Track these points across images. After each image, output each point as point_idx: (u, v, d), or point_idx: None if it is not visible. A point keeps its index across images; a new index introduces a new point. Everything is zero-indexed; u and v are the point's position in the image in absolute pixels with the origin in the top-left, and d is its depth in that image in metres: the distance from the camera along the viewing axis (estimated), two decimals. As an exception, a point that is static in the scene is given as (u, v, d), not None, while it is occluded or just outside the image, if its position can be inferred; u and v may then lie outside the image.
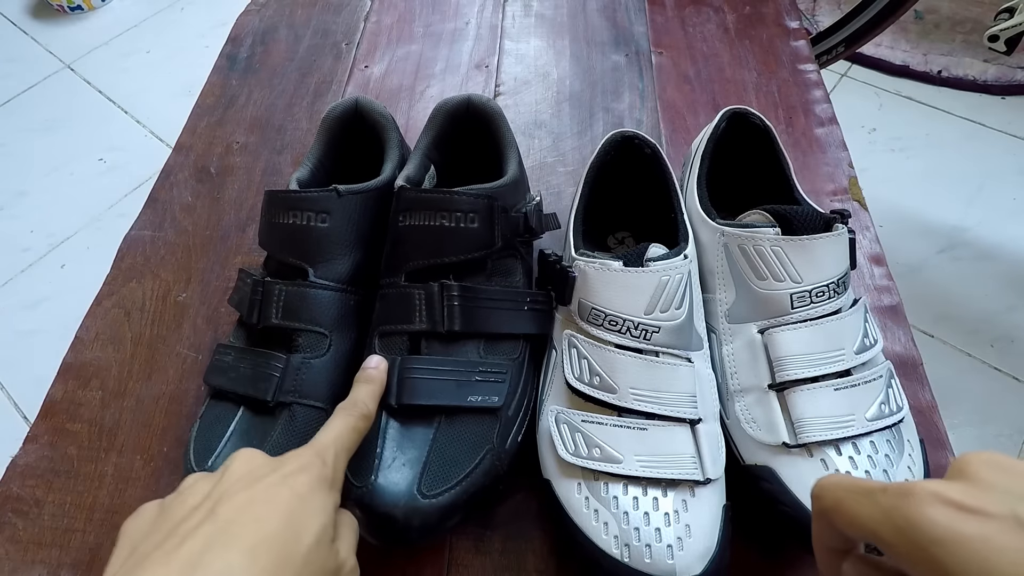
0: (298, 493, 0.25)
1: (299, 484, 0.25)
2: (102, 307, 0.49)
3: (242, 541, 0.22)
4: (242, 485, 0.25)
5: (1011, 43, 0.94)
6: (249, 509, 0.24)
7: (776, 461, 0.34)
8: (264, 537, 0.23)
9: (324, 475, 0.27)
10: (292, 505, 0.25)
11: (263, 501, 0.24)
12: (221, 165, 0.58)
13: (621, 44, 0.66)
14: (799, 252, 0.35)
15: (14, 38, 1.66)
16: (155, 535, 0.24)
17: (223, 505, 0.24)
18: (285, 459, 0.27)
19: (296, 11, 0.72)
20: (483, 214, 0.37)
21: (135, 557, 0.23)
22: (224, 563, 0.22)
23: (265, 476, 0.25)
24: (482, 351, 0.37)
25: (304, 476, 0.26)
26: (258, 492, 0.25)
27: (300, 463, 0.26)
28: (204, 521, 0.23)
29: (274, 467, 0.26)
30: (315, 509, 0.25)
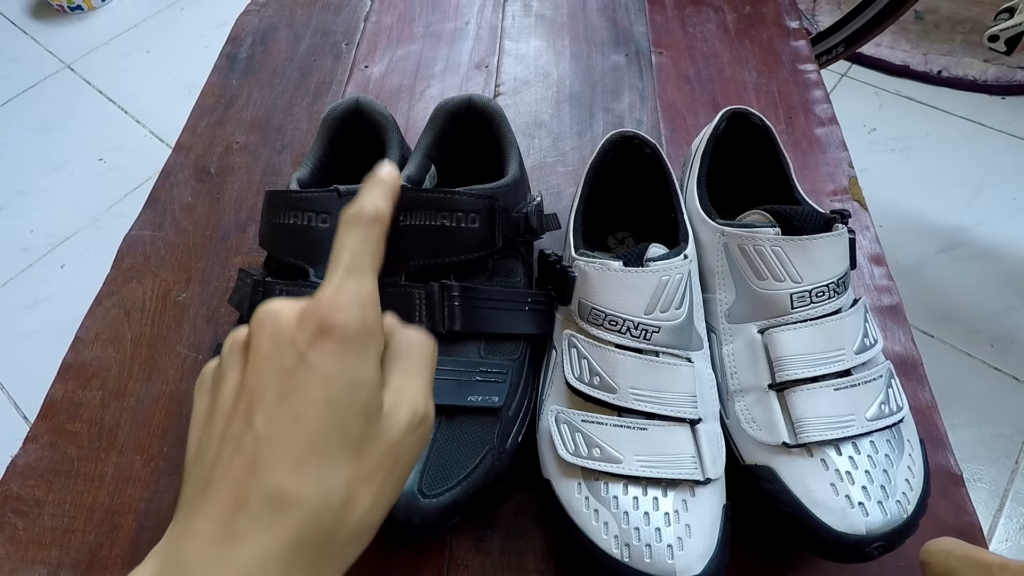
0: (327, 374, 0.21)
1: (325, 360, 0.21)
2: (102, 307, 0.49)
3: (287, 452, 0.21)
4: (269, 374, 0.22)
5: (1011, 43, 0.94)
6: (283, 410, 0.21)
7: (776, 461, 0.34)
8: (307, 442, 0.21)
9: (349, 328, 0.22)
10: (325, 392, 0.21)
11: (295, 395, 0.21)
12: (221, 165, 0.58)
13: (621, 44, 0.66)
14: (799, 252, 0.35)
15: (14, 38, 1.66)
16: (212, 429, 0.22)
17: (257, 409, 0.21)
18: (304, 317, 0.22)
19: (296, 11, 0.72)
20: (484, 214, 0.37)
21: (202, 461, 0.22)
22: (273, 482, 0.20)
23: (287, 357, 0.22)
24: (482, 351, 0.37)
25: (328, 344, 0.22)
26: (287, 382, 0.22)
27: (317, 322, 0.22)
28: (245, 430, 0.21)
29: (293, 338, 0.22)
30: (351, 383, 0.22)
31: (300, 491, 0.20)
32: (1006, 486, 0.92)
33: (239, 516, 0.20)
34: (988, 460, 0.94)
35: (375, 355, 0.23)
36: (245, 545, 0.20)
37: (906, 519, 0.31)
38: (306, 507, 0.20)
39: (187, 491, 0.22)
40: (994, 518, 0.90)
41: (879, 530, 0.30)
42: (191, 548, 0.20)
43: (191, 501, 0.21)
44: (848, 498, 0.31)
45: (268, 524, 0.20)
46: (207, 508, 0.20)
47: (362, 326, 0.22)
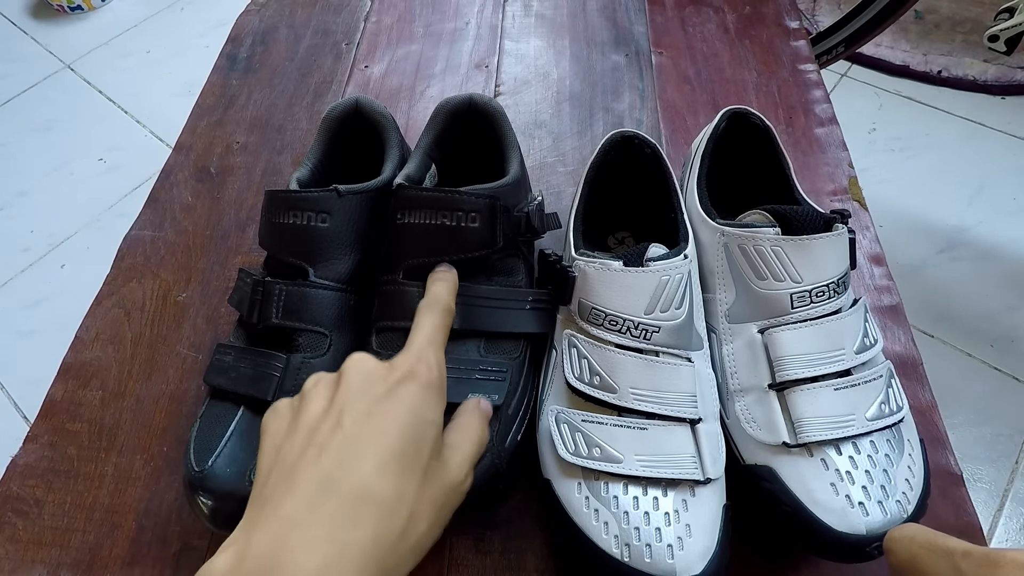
0: (409, 405, 0.25)
1: (409, 395, 0.26)
2: (102, 307, 0.49)
3: (372, 454, 0.23)
4: (359, 396, 0.25)
5: (1011, 43, 0.94)
6: (371, 422, 0.24)
7: (776, 461, 0.34)
8: (390, 451, 0.24)
9: (430, 380, 0.27)
10: (407, 417, 0.25)
11: (381, 414, 0.25)
12: (221, 165, 0.58)
13: (621, 44, 0.66)
14: (799, 252, 0.35)
15: (14, 38, 1.66)
16: (294, 438, 0.25)
17: (347, 416, 0.24)
18: (393, 366, 0.27)
19: (296, 11, 0.72)
20: (485, 214, 0.37)
21: (283, 463, 0.24)
22: (360, 476, 0.23)
23: (377, 387, 0.26)
24: (482, 350, 0.37)
25: (412, 385, 0.26)
26: (375, 405, 0.25)
27: (405, 370, 0.27)
28: (334, 431, 0.24)
29: (383, 376, 0.26)
30: (426, 420, 0.26)
31: (383, 490, 0.23)
32: (1006, 486, 0.92)
33: (328, 502, 0.22)
34: (988, 460, 0.94)
35: (442, 408, 0.27)
36: (332, 534, 0.21)
37: (906, 519, 0.31)
38: (385, 507, 0.23)
39: (263, 492, 0.24)
40: (994, 518, 0.90)
41: (879, 530, 0.30)
42: (278, 529, 0.21)
43: (272, 496, 0.23)
44: (848, 498, 0.31)
45: (353, 517, 0.22)
46: (295, 496, 0.22)
47: (439, 380, 0.28)
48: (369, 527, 0.22)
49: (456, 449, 0.28)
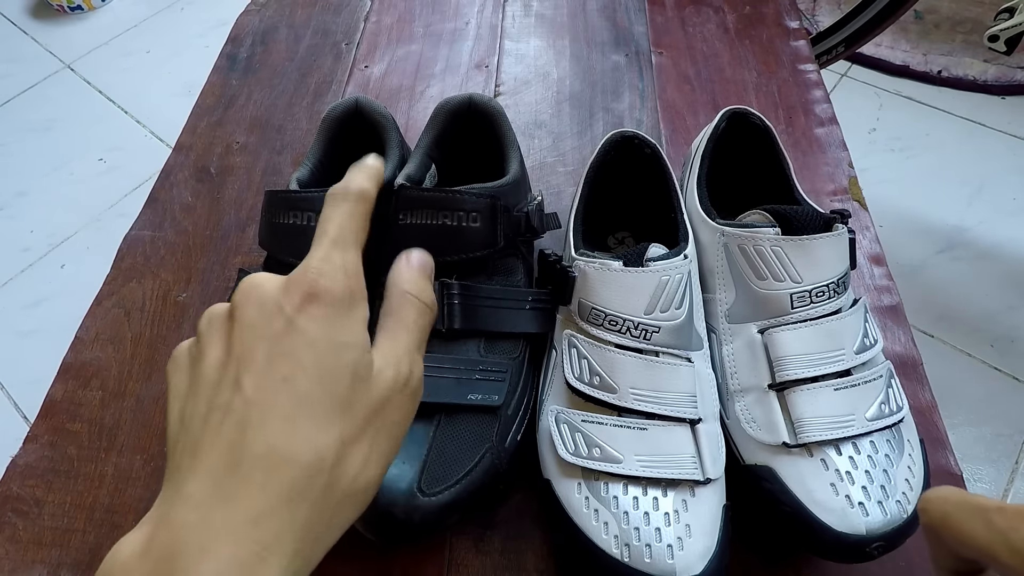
0: (315, 335, 0.22)
1: (313, 322, 0.22)
2: (102, 307, 0.49)
3: (278, 413, 0.21)
4: (257, 339, 0.22)
5: (1011, 43, 0.94)
6: (271, 370, 0.21)
7: (776, 461, 0.34)
8: (298, 401, 0.21)
9: (336, 293, 0.23)
10: (314, 353, 0.22)
11: (282, 356, 0.22)
12: (221, 165, 0.58)
13: (621, 44, 0.66)
14: (799, 252, 0.35)
15: (14, 38, 1.66)
16: (196, 399, 0.22)
17: (245, 373, 0.22)
18: (290, 286, 0.23)
19: (296, 11, 0.72)
20: (486, 213, 0.37)
21: (187, 430, 0.22)
22: (265, 444, 0.20)
23: (276, 322, 0.22)
24: (482, 349, 0.37)
25: (316, 308, 0.22)
26: (275, 346, 0.22)
27: (304, 290, 0.22)
28: (233, 395, 0.21)
29: (280, 305, 0.22)
30: (337, 345, 0.22)
31: (291, 450, 0.20)
32: (1006, 486, 0.92)
33: (232, 477, 0.20)
34: (988, 460, 0.94)
35: (361, 319, 0.23)
36: (238, 505, 0.19)
37: (906, 519, 0.31)
38: (297, 466, 0.20)
39: (173, 463, 0.22)
40: (994, 518, 0.89)
41: (879, 530, 0.30)
42: (182, 512, 0.20)
43: (179, 469, 0.21)
44: (848, 498, 0.31)
45: (261, 484, 0.20)
46: (198, 472, 0.20)
47: (347, 292, 0.23)
48: (282, 490, 0.20)
49: (388, 346, 0.24)
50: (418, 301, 0.26)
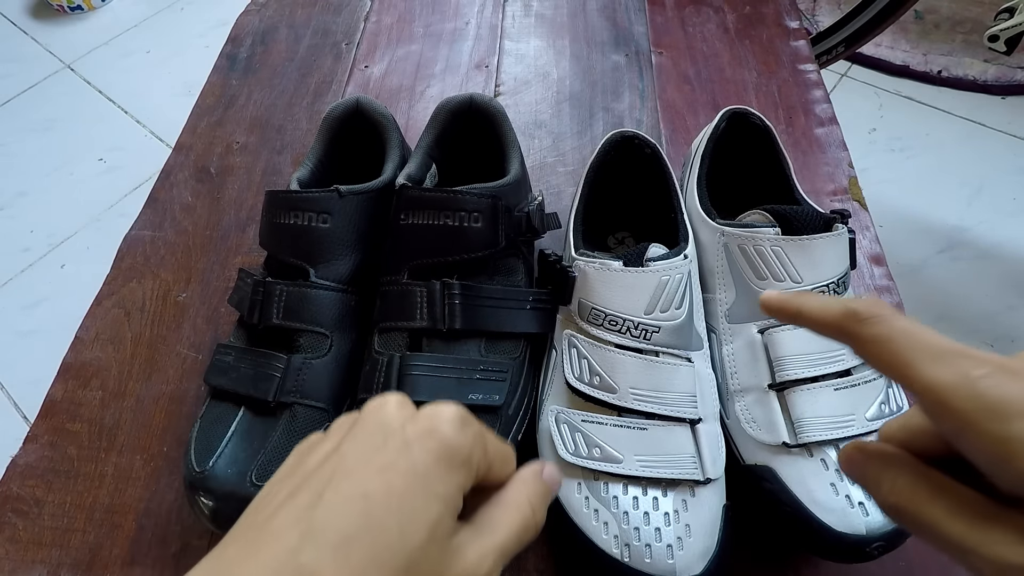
0: (414, 466, 0.20)
1: (420, 454, 0.20)
2: (102, 307, 0.49)
3: (334, 533, 0.19)
4: (363, 447, 0.21)
5: (1011, 43, 0.94)
6: (355, 484, 0.20)
7: (776, 461, 0.34)
8: (362, 527, 0.19)
9: (452, 441, 0.21)
10: (407, 481, 0.20)
11: (376, 470, 0.20)
12: (221, 165, 0.58)
13: (621, 44, 0.66)
14: (799, 252, 0.35)
15: (14, 38, 1.66)
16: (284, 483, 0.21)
17: (338, 473, 0.20)
18: (416, 417, 0.22)
19: (296, 11, 0.72)
20: (487, 214, 0.37)
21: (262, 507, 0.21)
22: (306, 561, 0.18)
23: (390, 438, 0.21)
24: (483, 350, 0.37)
25: (430, 442, 0.21)
26: (375, 459, 0.20)
27: (426, 424, 0.21)
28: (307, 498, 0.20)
29: (402, 425, 0.21)
30: (431, 491, 0.20)
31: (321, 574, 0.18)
32: (1006, 486, 0.92)
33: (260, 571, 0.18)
34: (988, 460, 0.94)
35: (460, 486, 0.21)
36: None
37: (906, 519, 0.31)
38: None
39: (237, 530, 0.21)
40: (994, 518, 0.89)
41: (879, 530, 0.30)
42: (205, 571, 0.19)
43: (234, 540, 0.20)
44: (848, 498, 0.31)
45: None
46: (241, 556, 0.19)
47: (466, 450, 0.21)
48: None
49: (485, 533, 0.22)
50: (532, 515, 0.23)
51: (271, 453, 0.34)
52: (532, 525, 0.23)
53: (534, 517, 0.23)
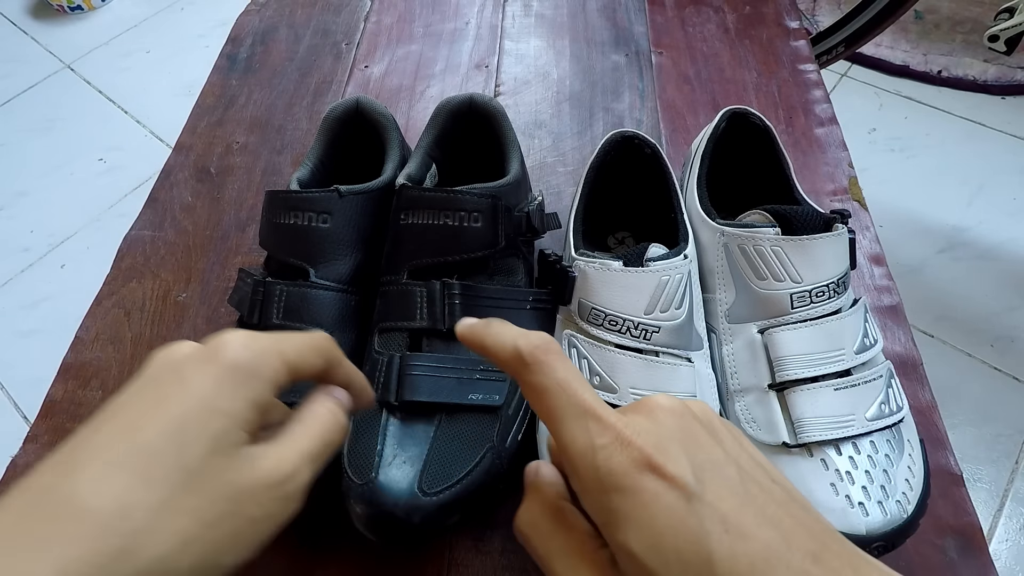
0: (190, 390, 0.21)
1: (195, 377, 0.21)
2: (102, 307, 0.49)
3: (101, 457, 0.19)
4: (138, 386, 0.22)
5: (1011, 43, 0.94)
6: (127, 411, 0.21)
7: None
8: (135, 447, 0.19)
9: (237, 361, 0.22)
10: (180, 405, 0.20)
11: (145, 403, 0.21)
12: (221, 165, 0.58)
13: (621, 44, 0.66)
14: (799, 252, 0.35)
15: (14, 38, 1.66)
16: None
17: (111, 402, 0.21)
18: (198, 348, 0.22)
19: (296, 11, 0.72)
20: (487, 214, 0.37)
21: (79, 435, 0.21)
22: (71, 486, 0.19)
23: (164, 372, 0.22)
24: (482, 351, 0.37)
25: (209, 367, 0.21)
26: (147, 395, 0.21)
27: (206, 351, 0.22)
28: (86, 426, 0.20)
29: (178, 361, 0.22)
30: (210, 409, 0.21)
31: (92, 498, 0.18)
32: (1006, 486, 0.92)
33: (30, 522, 0.18)
34: (988, 460, 0.94)
35: (251, 400, 0.22)
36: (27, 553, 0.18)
37: (906, 519, 0.31)
38: (95, 523, 0.18)
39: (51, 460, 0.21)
40: (994, 518, 0.90)
41: (879, 530, 0.30)
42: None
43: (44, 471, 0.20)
44: (848, 498, 0.31)
45: (48, 537, 0.18)
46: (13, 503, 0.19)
47: (251, 366, 0.22)
48: (71, 547, 0.17)
49: (284, 441, 0.23)
50: (335, 417, 0.25)
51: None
52: (339, 428, 0.25)
53: (331, 425, 0.24)
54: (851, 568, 0.19)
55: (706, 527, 0.18)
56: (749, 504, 0.19)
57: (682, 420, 0.21)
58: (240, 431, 0.21)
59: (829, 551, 0.19)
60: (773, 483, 0.21)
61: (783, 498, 0.20)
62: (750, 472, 0.21)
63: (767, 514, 0.19)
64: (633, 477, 0.19)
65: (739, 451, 0.21)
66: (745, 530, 0.19)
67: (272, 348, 0.23)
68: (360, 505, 0.31)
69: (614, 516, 0.19)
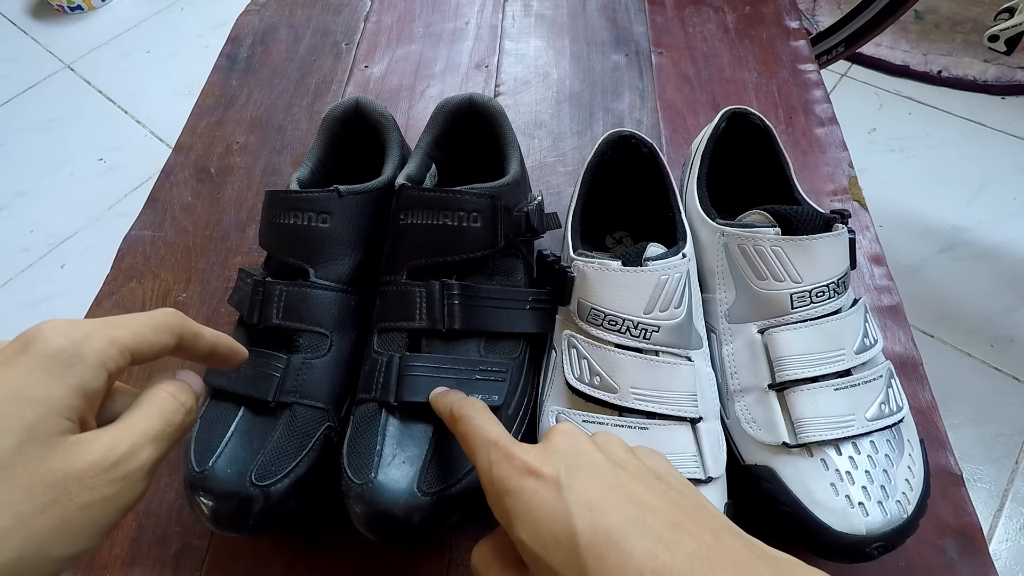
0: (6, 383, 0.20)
1: (9, 370, 0.21)
2: (102, 307, 0.49)
3: None
4: None
5: (1011, 43, 0.94)
6: None
7: (776, 461, 0.34)
8: None
9: (49, 345, 0.21)
10: None
11: None
12: (221, 165, 0.58)
13: (621, 44, 0.66)
14: (799, 252, 0.35)
15: (14, 38, 1.66)
16: None
17: None
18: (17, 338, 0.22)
19: (296, 11, 0.72)
20: (486, 214, 0.37)
21: None
22: None
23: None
24: (482, 350, 0.37)
25: (23, 358, 0.21)
26: None
27: (22, 340, 0.22)
28: None
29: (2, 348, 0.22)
30: (22, 398, 0.20)
31: None
32: (1006, 486, 0.92)
33: None
34: (988, 460, 0.94)
35: (70, 387, 0.21)
36: None
37: (906, 519, 0.31)
38: None
39: None
40: (994, 518, 0.90)
41: (879, 530, 0.30)
42: None
43: None
44: (848, 498, 0.31)
45: None
46: None
47: (67, 352, 0.21)
48: None
49: (121, 425, 0.22)
50: (175, 400, 0.25)
51: (271, 453, 0.34)
52: (179, 408, 0.25)
53: (174, 401, 0.25)
54: (711, 534, 0.21)
55: (572, 509, 0.22)
56: (616, 489, 0.22)
57: (569, 437, 0.25)
58: (60, 418, 0.21)
59: (692, 520, 0.22)
60: (656, 479, 0.24)
61: (660, 487, 0.23)
62: (630, 470, 0.24)
63: (633, 497, 0.22)
64: (516, 480, 0.23)
65: (626, 457, 0.25)
66: (606, 508, 0.22)
67: (98, 332, 0.23)
68: (360, 505, 0.31)
69: (508, 515, 0.23)
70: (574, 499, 0.22)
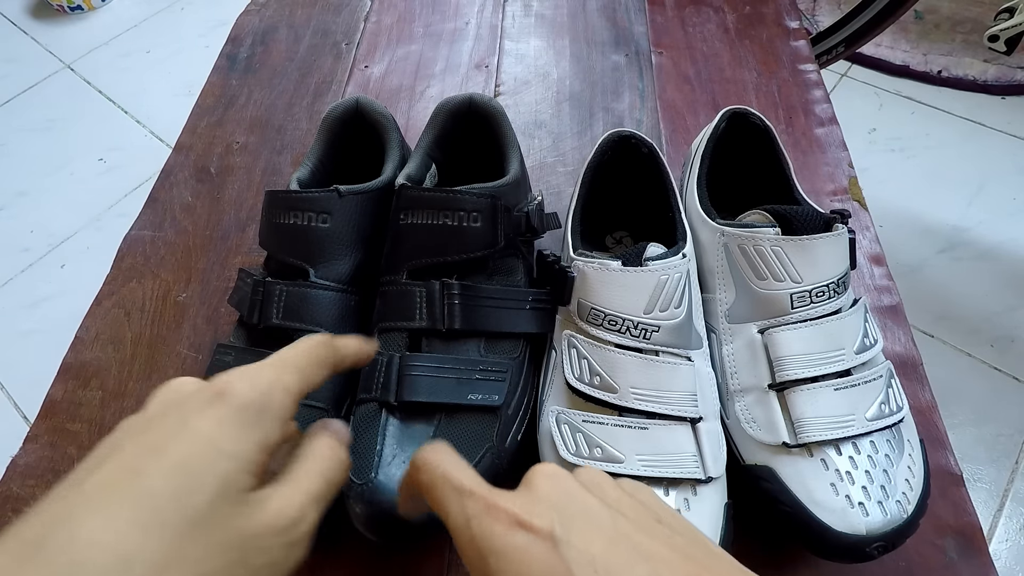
0: (195, 433, 0.20)
1: (201, 421, 0.20)
2: (102, 307, 0.49)
3: (107, 499, 0.18)
4: (136, 428, 0.21)
5: (1011, 43, 0.94)
6: (132, 456, 0.20)
7: (776, 461, 0.34)
8: (138, 492, 0.18)
9: (244, 401, 0.21)
10: (186, 448, 0.20)
11: (149, 447, 0.20)
12: (221, 165, 0.58)
13: (621, 44, 0.66)
14: (799, 252, 0.35)
15: (14, 38, 1.66)
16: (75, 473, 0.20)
17: (112, 453, 0.20)
18: (203, 388, 0.22)
19: (296, 11, 0.72)
20: (486, 213, 0.37)
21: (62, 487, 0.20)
22: (69, 535, 0.18)
23: (171, 415, 0.21)
24: (482, 349, 0.37)
25: (217, 409, 0.21)
26: (147, 438, 0.20)
27: (217, 388, 0.21)
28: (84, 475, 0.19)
29: (181, 402, 0.21)
30: (217, 451, 0.20)
31: (92, 547, 0.17)
32: (1006, 486, 0.92)
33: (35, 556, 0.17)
34: (988, 460, 0.94)
35: (261, 438, 0.21)
36: None
37: (906, 519, 0.31)
38: (91, 567, 0.17)
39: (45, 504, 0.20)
40: (994, 518, 0.90)
41: (879, 530, 0.30)
42: None
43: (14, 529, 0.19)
44: (848, 498, 0.31)
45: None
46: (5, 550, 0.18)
47: (259, 403, 0.21)
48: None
49: (289, 483, 0.22)
50: (335, 453, 0.24)
51: (271, 453, 0.34)
52: (341, 465, 0.24)
53: (334, 464, 0.24)
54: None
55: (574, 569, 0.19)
56: (621, 543, 0.20)
57: (554, 480, 0.22)
58: (247, 475, 0.20)
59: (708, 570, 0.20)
60: (657, 523, 0.21)
61: (664, 534, 0.21)
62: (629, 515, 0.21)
63: (641, 550, 0.20)
64: (502, 537, 0.20)
65: (620, 498, 0.22)
66: (614, 566, 0.19)
67: (278, 383, 0.22)
68: (360, 505, 0.31)
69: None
70: (575, 557, 0.19)
